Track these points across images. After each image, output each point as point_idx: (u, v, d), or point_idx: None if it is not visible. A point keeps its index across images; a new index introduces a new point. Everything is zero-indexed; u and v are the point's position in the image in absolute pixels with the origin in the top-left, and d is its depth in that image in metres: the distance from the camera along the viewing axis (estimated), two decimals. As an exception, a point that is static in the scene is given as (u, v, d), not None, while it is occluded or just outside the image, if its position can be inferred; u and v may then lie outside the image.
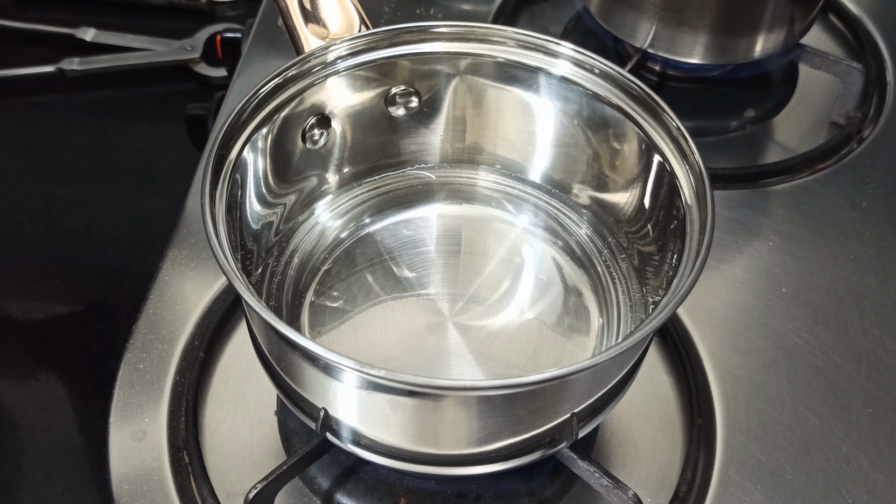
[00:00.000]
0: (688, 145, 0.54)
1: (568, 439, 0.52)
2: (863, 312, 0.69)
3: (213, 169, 0.52)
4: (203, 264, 0.69)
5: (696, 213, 0.53)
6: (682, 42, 0.80)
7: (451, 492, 0.59)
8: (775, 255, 0.73)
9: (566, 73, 0.60)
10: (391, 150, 0.65)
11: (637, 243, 0.61)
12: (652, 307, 0.58)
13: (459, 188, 0.66)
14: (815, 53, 0.85)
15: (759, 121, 0.85)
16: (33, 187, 0.85)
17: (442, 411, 0.49)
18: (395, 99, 0.63)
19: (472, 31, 0.60)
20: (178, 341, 0.65)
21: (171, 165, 0.88)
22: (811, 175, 0.79)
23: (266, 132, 0.57)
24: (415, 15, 0.92)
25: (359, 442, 0.52)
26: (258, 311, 0.45)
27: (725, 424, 0.63)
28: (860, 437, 0.63)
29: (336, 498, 0.59)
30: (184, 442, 0.60)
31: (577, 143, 0.63)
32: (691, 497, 0.59)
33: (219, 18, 0.99)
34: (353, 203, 0.65)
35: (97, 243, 0.80)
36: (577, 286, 0.61)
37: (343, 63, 0.59)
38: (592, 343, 0.59)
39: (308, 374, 0.50)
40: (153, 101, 0.93)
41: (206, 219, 0.49)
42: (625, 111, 0.58)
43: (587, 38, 0.90)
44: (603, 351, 0.57)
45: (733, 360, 0.66)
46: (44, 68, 0.92)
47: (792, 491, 0.60)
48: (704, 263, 0.48)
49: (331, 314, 0.59)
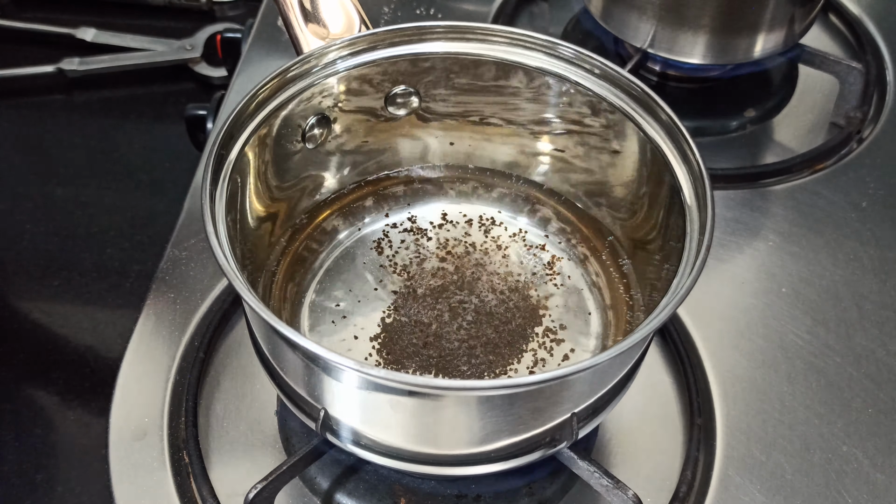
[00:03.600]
0: (688, 145, 0.54)
1: (568, 439, 0.52)
2: (863, 312, 0.69)
3: (213, 169, 0.52)
4: (203, 264, 0.69)
5: (696, 213, 0.53)
6: (682, 42, 0.80)
7: (450, 492, 0.59)
8: (775, 255, 0.73)
9: (566, 73, 0.60)
10: (391, 150, 0.65)
11: (637, 243, 0.61)
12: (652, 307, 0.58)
13: (459, 188, 0.66)
14: (815, 53, 0.85)
15: (759, 121, 0.85)
16: (33, 187, 0.85)
17: (442, 411, 0.49)
18: (395, 99, 0.63)
19: (472, 31, 0.60)
20: (178, 341, 0.65)
21: (171, 165, 0.88)
22: (811, 175, 0.79)
23: (266, 132, 0.57)
24: (415, 15, 0.92)
25: (359, 442, 0.52)
26: (258, 311, 0.45)
27: (725, 424, 0.63)
28: (860, 437, 0.63)
29: (336, 498, 0.59)
30: (184, 442, 0.60)
31: (577, 143, 0.63)
32: (691, 497, 0.59)
33: (219, 18, 0.99)
34: (353, 203, 0.65)
35: (97, 243, 0.80)
36: (577, 286, 0.61)
37: (343, 63, 0.59)
38: (592, 343, 0.59)
39: (308, 374, 0.50)
40: (153, 101, 0.93)
41: (206, 219, 0.49)
42: (625, 111, 0.58)
43: (587, 38, 0.90)
44: (603, 351, 0.57)
45: (733, 360, 0.66)
46: (44, 68, 0.92)
47: (792, 491, 0.60)
48: (704, 263, 0.48)
49: (331, 314, 0.59)
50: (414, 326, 0.58)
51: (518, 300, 0.59)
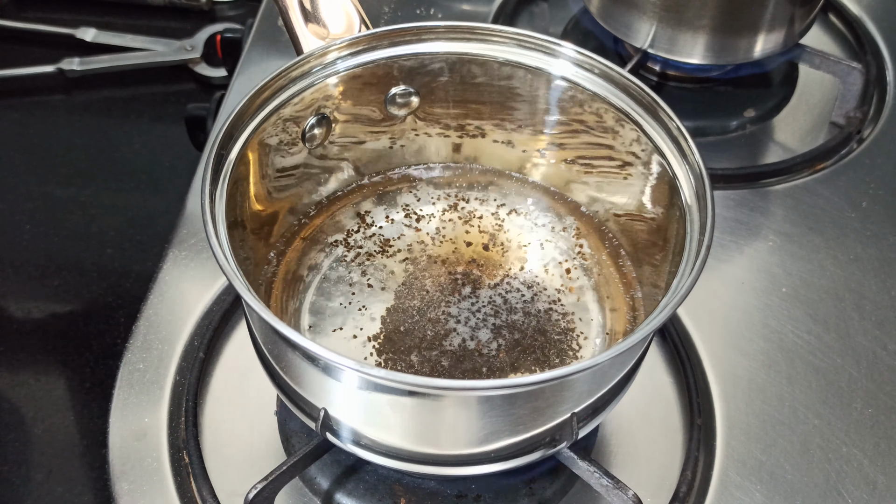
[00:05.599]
0: (688, 145, 0.54)
1: (568, 439, 0.52)
2: (863, 312, 0.69)
3: (213, 169, 0.52)
4: (203, 264, 0.69)
5: (696, 213, 0.53)
6: (682, 42, 0.80)
7: (451, 492, 0.59)
8: (775, 255, 0.73)
9: (566, 73, 0.60)
10: (391, 150, 0.65)
11: (637, 243, 0.61)
12: (652, 307, 0.58)
13: (459, 188, 0.66)
14: (815, 53, 0.85)
15: (759, 121, 0.85)
16: (33, 187, 0.85)
17: (442, 411, 0.49)
18: (395, 99, 0.63)
19: (472, 31, 0.60)
20: (178, 341, 0.65)
21: (171, 165, 0.88)
22: (811, 175, 0.79)
23: (266, 132, 0.57)
24: (415, 15, 0.92)
25: (359, 442, 0.52)
26: (258, 311, 0.45)
27: (725, 424, 0.63)
28: (860, 437, 0.63)
29: (336, 498, 0.59)
30: (184, 442, 0.60)
31: (577, 143, 0.63)
32: (691, 497, 0.59)
33: (219, 18, 0.99)
34: (353, 203, 0.65)
35: (97, 243, 0.80)
36: (577, 286, 0.61)
37: (343, 63, 0.59)
38: (592, 343, 0.59)
39: (308, 374, 0.50)
40: (153, 101, 0.93)
41: (206, 219, 0.49)
42: (625, 111, 0.58)
43: (587, 38, 0.90)
44: (603, 351, 0.57)
45: (733, 360, 0.66)
46: (44, 68, 0.92)
47: (792, 491, 0.60)
48: (704, 263, 0.48)
49: (331, 314, 0.59)
50: (414, 326, 0.58)
51: (518, 300, 0.59)
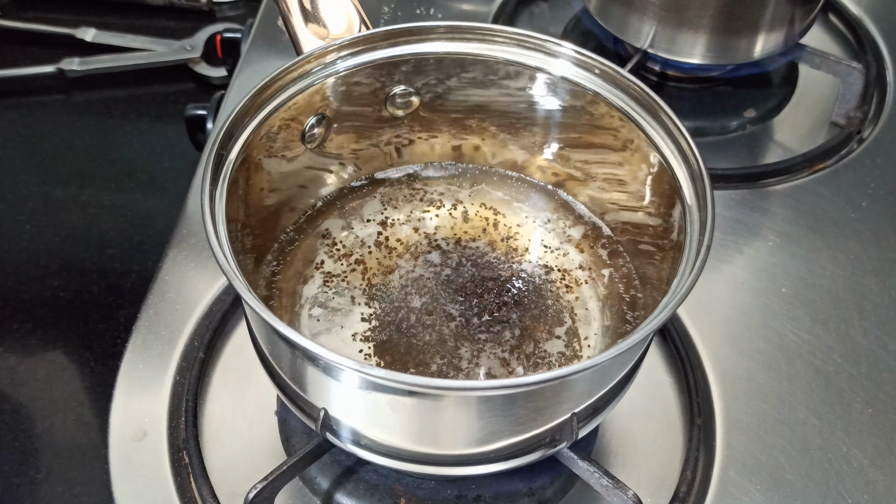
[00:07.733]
0: (688, 145, 0.54)
1: (568, 439, 0.52)
2: (863, 312, 0.69)
3: (213, 169, 0.52)
4: (203, 264, 0.69)
5: (696, 213, 0.53)
6: (682, 42, 0.80)
7: (450, 492, 0.59)
8: (775, 255, 0.73)
9: (566, 73, 0.60)
10: (391, 150, 0.65)
11: (637, 243, 0.61)
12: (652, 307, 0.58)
13: (459, 187, 0.66)
14: (815, 53, 0.85)
15: (759, 121, 0.85)
16: (33, 187, 0.85)
17: (442, 411, 0.49)
18: (395, 99, 0.63)
19: (472, 31, 0.60)
20: (178, 341, 0.65)
21: (171, 165, 0.88)
22: (811, 175, 0.79)
23: (266, 132, 0.57)
24: (415, 15, 0.92)
25: (359, 442, 0.52)
26: (258, 311, 0.45)
27: (725, 424, 0.63)
28: (860, 437, 0.63)
29: (336, 498, 0.59)
30: (184, 442, 0.60)
31: (577, 143, 0.63)
32: (691, 497, 0.59)
33: (219, 18, 0.99)
34: (353, 202, 0.65)
35: (97, 243, 0.80)
36: (578, 285, 0.61)
37: (343, 63, 0.59)
38: (592, 343, 0.59)
39: (308, 374, 0.50)
40: (153, 101, 0.93)
41: (205, 219, 0.49)
42: (625, 111, 0.58)
43: (587, 38, 0.90)
44: (603, 351, 0.57)
45: (733, 360, 0.66)
46: (44, 68, 0.92)
47: (792, 491, 0.60)
48: (704, 263, 0.48)
49: (331, 314, 0.59)
50: (415, 326, 0.58)
51: (518, 299, 0.59)
